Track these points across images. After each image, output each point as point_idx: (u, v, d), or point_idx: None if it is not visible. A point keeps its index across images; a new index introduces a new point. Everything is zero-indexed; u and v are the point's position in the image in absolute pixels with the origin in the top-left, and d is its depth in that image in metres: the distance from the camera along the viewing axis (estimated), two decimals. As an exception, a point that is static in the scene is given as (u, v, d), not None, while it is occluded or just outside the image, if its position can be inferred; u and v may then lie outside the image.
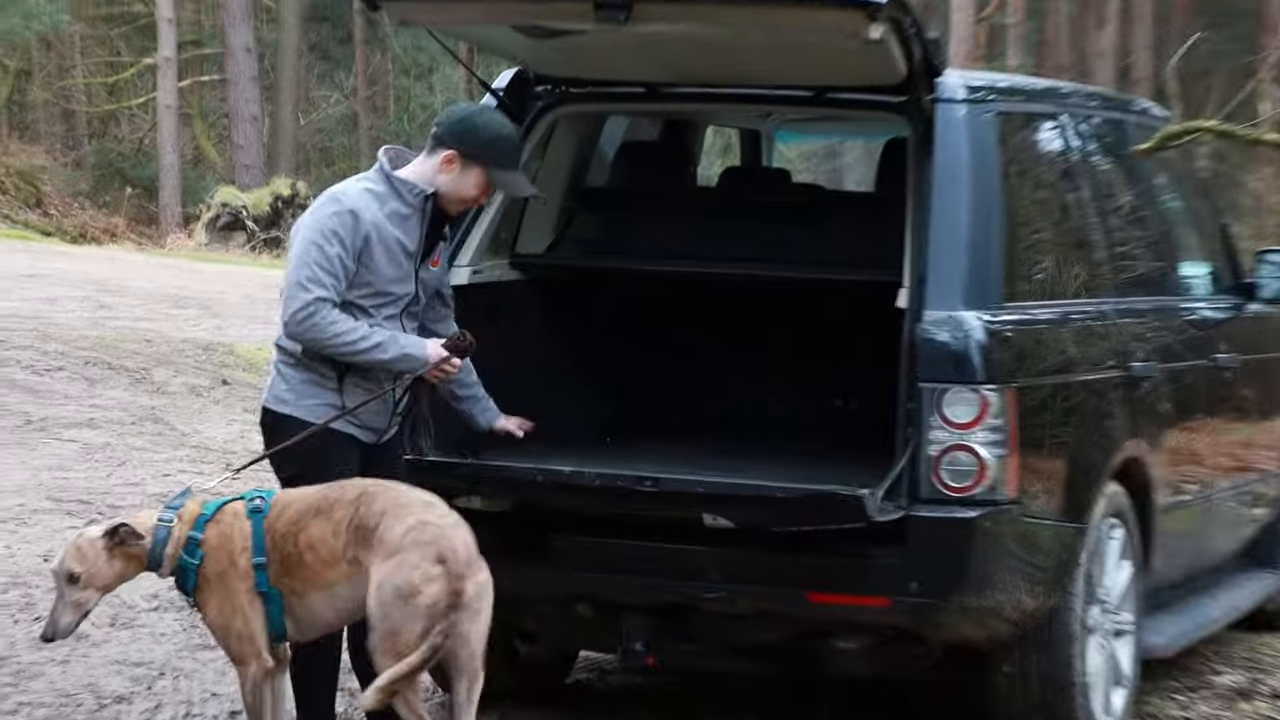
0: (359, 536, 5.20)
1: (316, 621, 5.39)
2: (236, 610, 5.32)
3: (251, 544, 5.30)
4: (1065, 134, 6.85)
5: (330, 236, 5.56)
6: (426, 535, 5.13)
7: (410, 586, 5.07)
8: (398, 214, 5.68)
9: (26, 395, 12.81)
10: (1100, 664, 6.33)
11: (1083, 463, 6.18)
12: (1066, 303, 6.49)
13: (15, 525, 9.27)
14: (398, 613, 5.06)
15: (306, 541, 5.27)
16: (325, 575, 5.26)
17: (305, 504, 5.33)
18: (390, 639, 5.07)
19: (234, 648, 5.37)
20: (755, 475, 6.05)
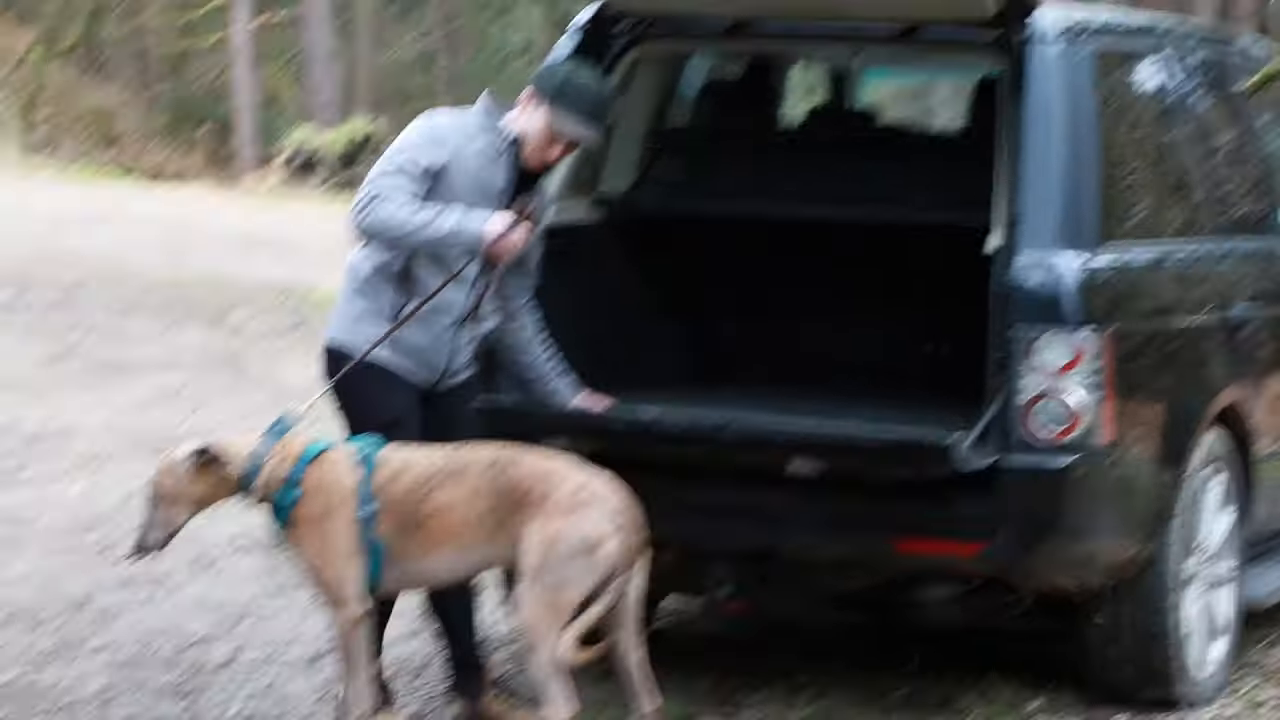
0: (506, 500, 5.28)
1: (429, 579, 5.52)
2: (334, 556, 5.40)
3: (358, 495, 5.37)
4: (1163, 72, 6.78)
5: (409, 146, 5.66)
6: (600, 493, 5.27)
7: (591, 542, 5.19)
8: (486, 153, 5.71)
9: (103, 337, 12.95)
10: (1197, 615, 6.31)
11: (1180, 409, 6.15)
12: (1164, 245, 6.44)
13: (95, 468, 9.39)
14: (571, 568, 5.18)
15: (436, 505, 5.35)
16: (460, 537, 5.35)
17: (430, 467, 5.40)
18: (554, 592, 5.18)
19: (328, 592, 5.46)
20: (841, 421, 6.05)
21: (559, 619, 5.20)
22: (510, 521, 5.29)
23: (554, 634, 5.19)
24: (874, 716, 6.14)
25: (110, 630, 6.88)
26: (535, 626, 5.21)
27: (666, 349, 7.23)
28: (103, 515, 8.50)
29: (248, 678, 6.39)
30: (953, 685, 6.44)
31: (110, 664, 6.48)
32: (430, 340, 5.73)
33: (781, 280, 7.38)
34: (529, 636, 5.23)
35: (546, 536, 5.21)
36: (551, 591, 5.19)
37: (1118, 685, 6.20)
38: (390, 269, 5.69)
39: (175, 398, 11.31)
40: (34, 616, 7.00)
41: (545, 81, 5.74)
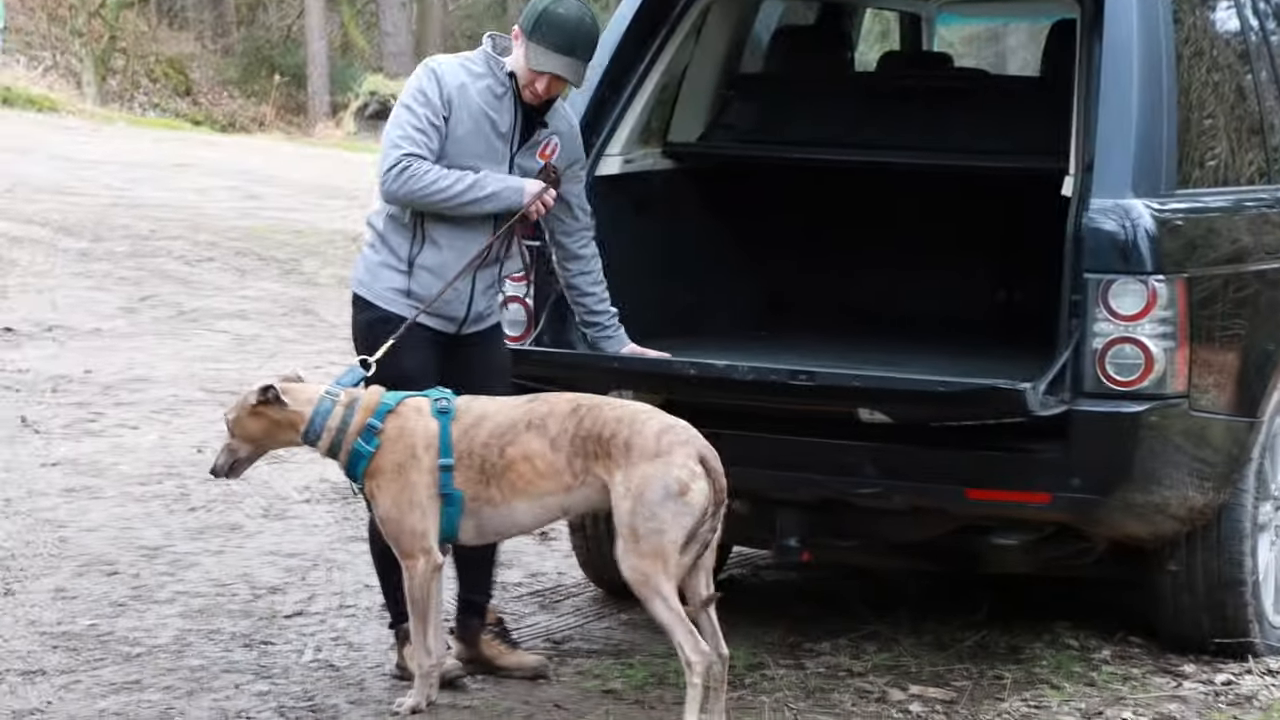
0: (588, 448, 5.30)
1: (510, 527, 5.54)
2: (413, 505, 5.43)
3: (439, 444, 5.41)
4: (1242, 11, 6.70)
5: (417, 96, 5.67)
6: (683, 436, 5.28)
7: (680, 485, 5.19)
8: (491, 91, 5.72)
9: (178, 286, 13.06)
10: (1272, 561, 6.28)
11: (1256, 355, 6.10)
12: (1241, 189, 6.39)
13: (169, 416, 9.48)
14: (666, 511, 5.19)
15: (518, 454, 5.36)
16: (540, 485, 5.37)
17: (509, 417, 5.42)
18: (654, 537, 5.18)
19: (404, 542, 5.48)
20: (913, 369, 6.04)
21: (666, 563, 5.20)
22: (595, 468, 5.30)
23: (665, 580, 5.20)
24: (942, 665, 6.14)
25: (183, 579, 6.95)
26: (647, 575, 5.20)
27: (736, 297, 7.22)
28: (177, 464, 8.58)
29: (319, 627, 6.44)
30: (1021, 633, 6.43)
31: (183, 613, 6.54)
32: (446, 294, 5.73)
33: (851, 227, 7.36)
34: (642, 588, 5.22)
35: (636, 482, 5.22)
36: (652, 539, 5.19)
37: (1190, 633, 6.17)
38: (401, 220, 5.73)
39: (248, 347, 11.41)
40: (109, 565, 7.08)
41: (527, 14, 5.72)
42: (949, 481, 5.78)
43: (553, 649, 6.25)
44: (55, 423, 9.24)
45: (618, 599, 6.84)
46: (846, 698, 5.80)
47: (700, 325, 6.88)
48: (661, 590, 5.19)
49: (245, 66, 37.91)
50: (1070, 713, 5.67)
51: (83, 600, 6.64)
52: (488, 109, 5.70)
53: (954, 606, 6.68)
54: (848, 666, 6.07)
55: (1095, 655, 6.23)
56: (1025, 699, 5.80)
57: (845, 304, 7.39)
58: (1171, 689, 5.91)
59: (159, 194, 17.10)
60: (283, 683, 5.85)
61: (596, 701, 5.73)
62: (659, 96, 6.76)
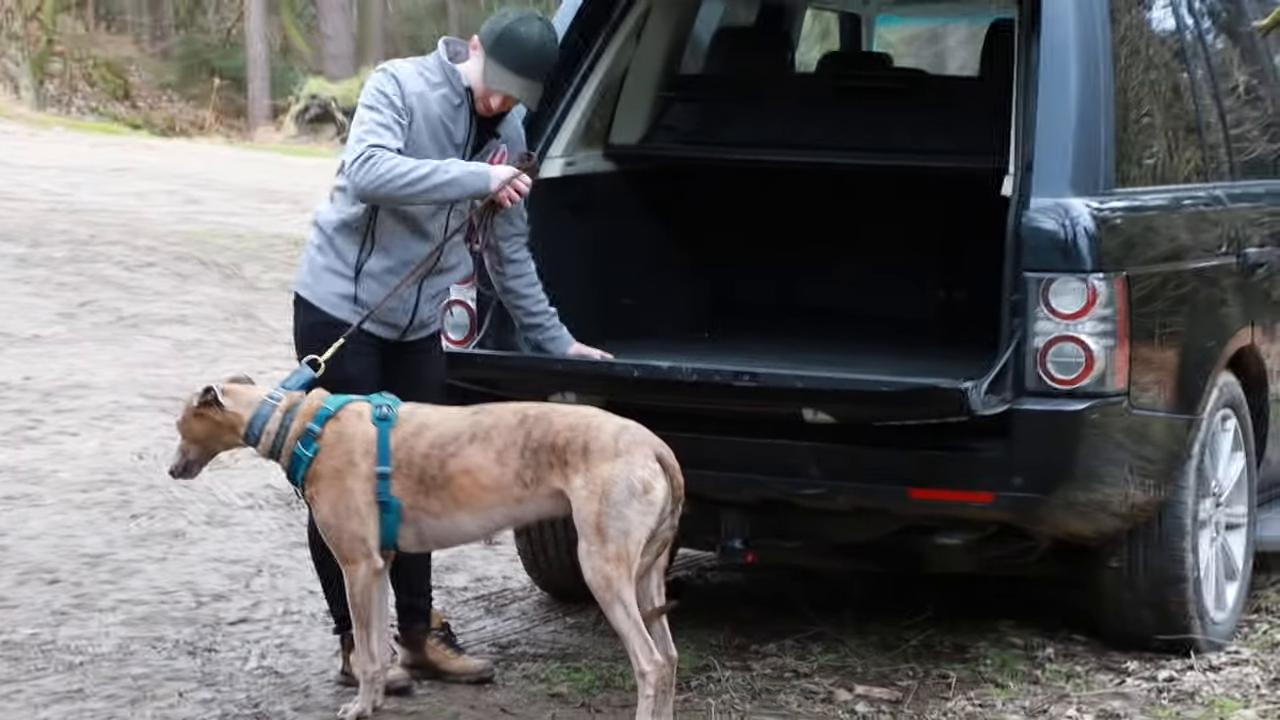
0: (540, 458, 5.28)
1: (453, 537, 5.54)
2: (351, 512, 5.42)
3: (377, 451, 5.39)
4: (1178, 11, 6.75)
5: (379, 98, 5.62)
6: (640, 436, 5.28)
7: (644, 484, 5.21)
8: (448, 100, 5.71)
9: (118, 291, 12.98)
10: (1212, 558, 6.32)
11: (1194, 353, 6.14)
12: (1178, 188, 6.43)
13: (110, 423, 9.43)
14: (632, 510, 5.19)
15: (460, 466, 5.35)
16: (484, 499, 5.35)
17: (453, 428, 5.40)
18: (621, 538, 5.18)
19: (344, 547, 5.47)
20: (856, 369, 6.06)
21: (629, 566, 5.20)
22: (549, 478, 5.29)
23: (627, 584, 5.20)
24: (888, 665, 6.16)
25: (126, 587, 6.92)
26: (610, 579, 5.19)
27: (679, 299, 7.23)
28: (118, 471, 8.54)
29: (263, 633, 6.42)
30: (966, 633, 6.46)
31: (126, 621, 6.51)
32: (392, 302, 5.71)
33: (793, 229, 7.38)
34: (604, 592, 5.21)
35: (599, 484, 5.21)
36: (618, 540, 5.18)
37: (1133, 629, 6.21)
38: (355, 225, 5.69)
39: (190, 352, 11.35)
40: (50, 573, 7.04)
41: (488, 30, 5.70)
42: (892, 481, 5.79)
43: (499, 653, 6.25)
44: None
45: (563, 603, 6.85)
46: (793, 699, 5.82)
47: (644, 327, 6.88)
48: (623, 596, 5.19)
49: (184, 70, 37.70)
50: (1015, 711, 5.70)
51: (24, 609, 6.60)
52: (444, 118, 5.69)
53: (899, 607, 6.70)
54: (794, 667, 6.08)
55: (1039, 653, 6.26)
56: (970, 698, 5.83)
57: (788, 305, 7.40)
58: (1115, 686, 5.94)
59: (98, 199, 16.99)
60: (227, 690, 5.83)
61: (543, 706, 5.73)
62: (600, 98, 6.76)
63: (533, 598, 6.97)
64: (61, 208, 16.15)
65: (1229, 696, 5.80)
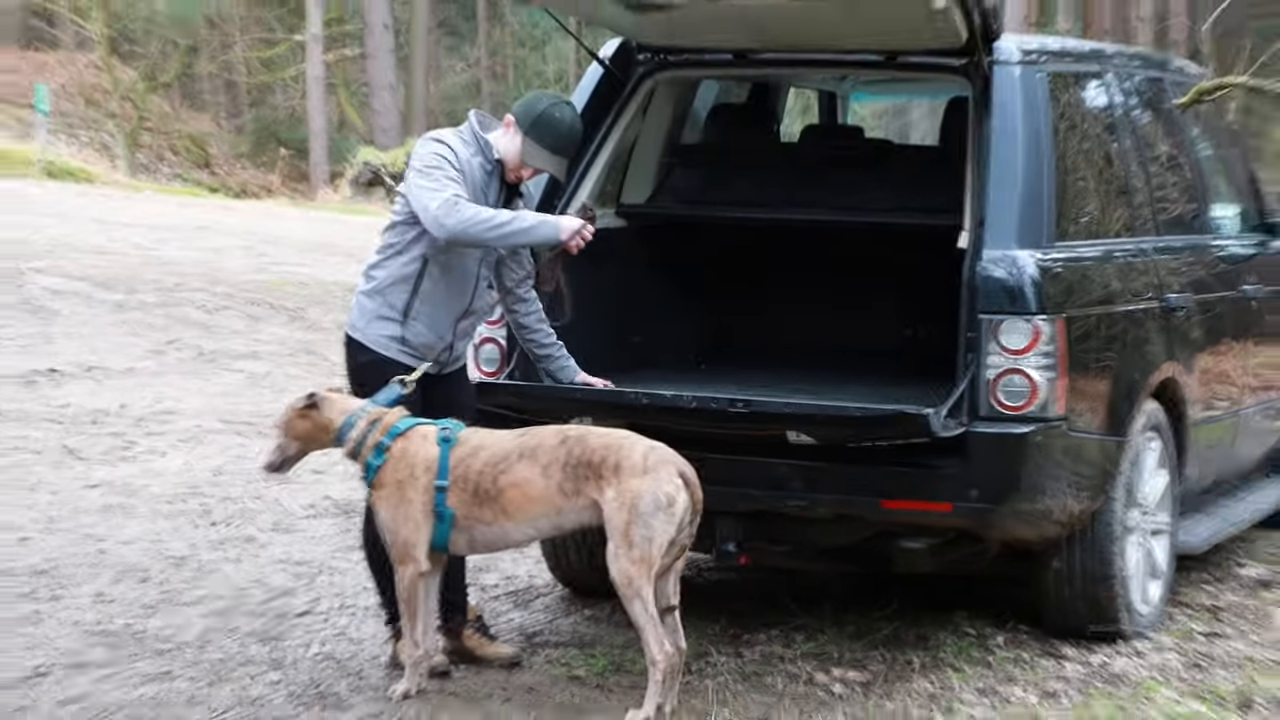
0: (579, 473, 5.29)
1: (501, 543, 5.53)
2: (408, 518, 5.43)
3: (437, 467, 5.41)
4: (1109, 91, 6.76)
5: (441, 160, 5.62)
6: (666, 456, 5.29)
7: (668, 498, 5.22)
8: (482, 168, 5.74)
9: (200, 331, 13.00)
10: (1138, 559, 6.31)
11: (1124, 383, 6.14)
12: (1110, 242, 6.43)
13: (193, 444, 9.43)
14: (656, 521, 5.21)
15: (510, 481, 5.36)
16: (531, 508, 5.36)
17: (503, 448, 5.41)
18: (645, 545, 5.20)
19: (397, 549, 5.48)
20: (834, 397, 6.05)
21: (650, 568, 5.21)
22: (585, 489, 5.29)
23: (647, 583, 5.21)
24: (860, 652, 6.14)
25: (206, 584, 6.91)
26: (632, 579, 5.20)
27: (680, 337, 7.24)
28: (200, 485, 8.53)
29: (323, 625, 6.41)
30: (928, 624, 6.44)
31: (206, 613, 6.50)
32: (435, 338, 5.74)
33: (779, 276, 7.38)
34: (626, 589, 5.22)
35: (629, 497, 5.21)
36: (642, 545, 5.20)
37: (1070, 621, 6.20)
38: (406, 278, 5.69)
39: (261, 383, 11.36)
40: (142, 572, 7.03)
41: (524, 112, 5.72)
42: (866, 494, 5.78)
43: (526, 641, 6.24)
44: (94, 450, 9.19)
45: (582, 598, 6.84)
46: (779, 681, 5.80)
47: (650, 360, 6.89)
48: (642, 594, 5.20)
49: (255, 141, 37.84)
50: (970, 691, 5.68)
51: (119, 603, 6.60)
52: (480, 182, 5.71)
53: (871, 601, 6.69)
54: (780, 654, 6.07)
55: (990, 641, 6.24)
56: (931, 680, 5.81)
57: (775, 342, 7.40)
58: (1055, 669, 5.92)
59: (182, 252, 17.02)
60: (292, 673, 5.83)
61: (563, 686, 5.72)
62: (612, 164, 6.77)
63: (555, 593, 6.97)
64: (151, 260, 16.17)
65: (1152, 678, 5.78)
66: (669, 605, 5.33)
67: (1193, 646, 6.17)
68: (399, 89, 35.24)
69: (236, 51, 39.06)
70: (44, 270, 14.65)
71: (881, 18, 6.15)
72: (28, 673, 5.72)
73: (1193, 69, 8.02)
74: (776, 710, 5.52)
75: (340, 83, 38.40)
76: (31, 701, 5.45)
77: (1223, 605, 6.80)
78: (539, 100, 5.76)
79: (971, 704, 5.53)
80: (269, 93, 40.14)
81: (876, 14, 6.12)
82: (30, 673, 5.73)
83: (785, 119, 8.52)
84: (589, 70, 6.78)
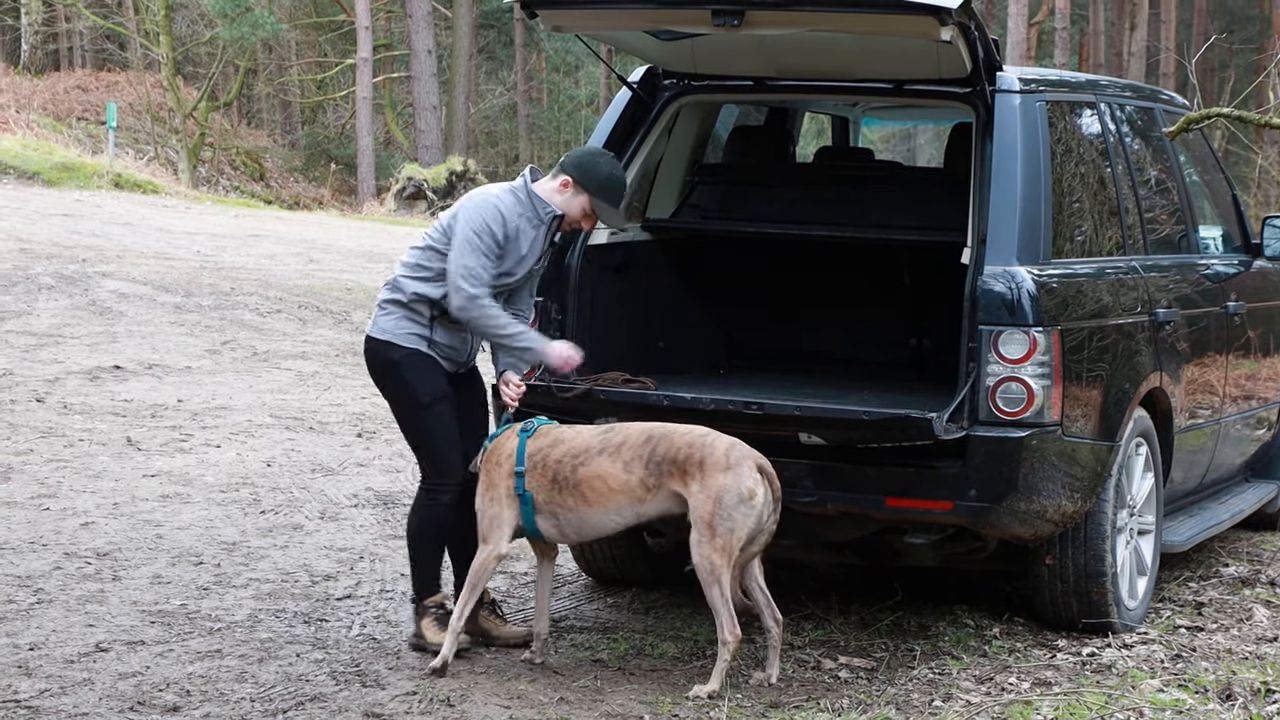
0: (663, 468, 5.33)
1: (587, 529, 5.54)
2: (494, 499, 5.54)
3: (516, 455, 5.51)
4: (1103, 119, 6.72)
5: (484, 232, 5.64)
6: (746, 451, 5.33)
7: (749, 491, 5.27)
8: (530, 222, 5.74)
9: (253, 333, 13.01)
10: (1127, 557, 6.26)
11: (1114, 392, 6.10)
12: (1102, 259, 6.39)
13: (245, 437, 9.43)
14: (739, 513, 5.26)
15: (590, 473, 5.41)
16: (611, 498, 5.41)
17: (584, 443, 5.48)
18: (728, 535, 5.25)
19: (482, 526, 5.57)
20: (843, 401, 6.02)
21: (730, 557, 5.26)
22: (669, 483, 5.33)
23: (726, 570, 5.25)
24: (865, 640, 6.10)
25: (256, 568, 6.90)
26: (714, 565, 5.25)
27: (700, 343, 7.21)
28: (251, 476, 8.53)
29: (364, 608, 6.39)
30: (929, 615, 6.40)
31: (256, 595, 6.49)
32: (457, 344, 5.79)
33: (793, 288, 7.35)
34: (707, 575, 5.26)
35: (714, 490, 5.24)
36: (724, 536, 5.24)
37: (1063, 614, 6.16)
38: (433, 299, 5.72)
39: (309, 382, 11.36)
40: (196, 556, 7.03)
41: (586, 175, 5.72)
42: (872, 492, 5.76)
43: (551, 626, 6.20)
44: (154, 442, 9.19)
45: (605, 586, 6.81)
46: (789, 667, 5.77)
47: (671, 365, 6.86)
48: (721, 580, 5.26)
49: (308, 157, 37.92)
50: (967, 678, 5.64)
51: (175, 585, 6.59)
52: (526, 237, 5.73)
53: (875, 593, 6.65)
54: (789, 641, 6.03)
55: (987, 632, 6.20)
56: (931, 667, 5.77)
57: (789, 349, 7.37)
58: (1048, 659, 5.88)
59: (238, 259, 17.05)
60: (335, 652, 5.81)
61: (587, 669, 5.69)
62: (639, 181, 6.75)
63: (580, 581, 6.94)
64: (209, 266, 16.21)
65: (1139, 669, 5.74)
66: (760, 587, 5.43)
67: (1177, 639, 6.12)
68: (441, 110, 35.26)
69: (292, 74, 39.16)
70: (110, 274, 14.68)
71: (891, 49, 6.13)
72: (90, 648, 5.72)
73: (1180, 100, 7.97)
74: (786, 694, 5.48)
75: (387, 103, 38.45)
76: (92, 675, 5.44)
77: (1205, 601, 6.75)
78: (597, 164, 5.79)
79: (969, 690, 5.49)
80: (321, 112, 40.23)
81: (886, 45, 6.10)
82: (92, 648, 5.72)
83: (800, 141, 8.48)
84: (619, 94, 6.76)
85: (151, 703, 5.20)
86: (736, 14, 5.74)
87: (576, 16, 6.25)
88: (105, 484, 8.20)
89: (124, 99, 34.05)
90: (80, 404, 10.05)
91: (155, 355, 11.78)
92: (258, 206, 27.58)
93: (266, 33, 34.52)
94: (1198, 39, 31.35)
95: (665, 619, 6.35)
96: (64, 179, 24.13)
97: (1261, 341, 7.63)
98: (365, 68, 33.91)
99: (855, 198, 7.05)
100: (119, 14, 37.88)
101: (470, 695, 5.34)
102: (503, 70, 41.98)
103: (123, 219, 19.86)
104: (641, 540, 6.63)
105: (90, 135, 31.25)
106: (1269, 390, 7.81)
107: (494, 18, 41.07)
